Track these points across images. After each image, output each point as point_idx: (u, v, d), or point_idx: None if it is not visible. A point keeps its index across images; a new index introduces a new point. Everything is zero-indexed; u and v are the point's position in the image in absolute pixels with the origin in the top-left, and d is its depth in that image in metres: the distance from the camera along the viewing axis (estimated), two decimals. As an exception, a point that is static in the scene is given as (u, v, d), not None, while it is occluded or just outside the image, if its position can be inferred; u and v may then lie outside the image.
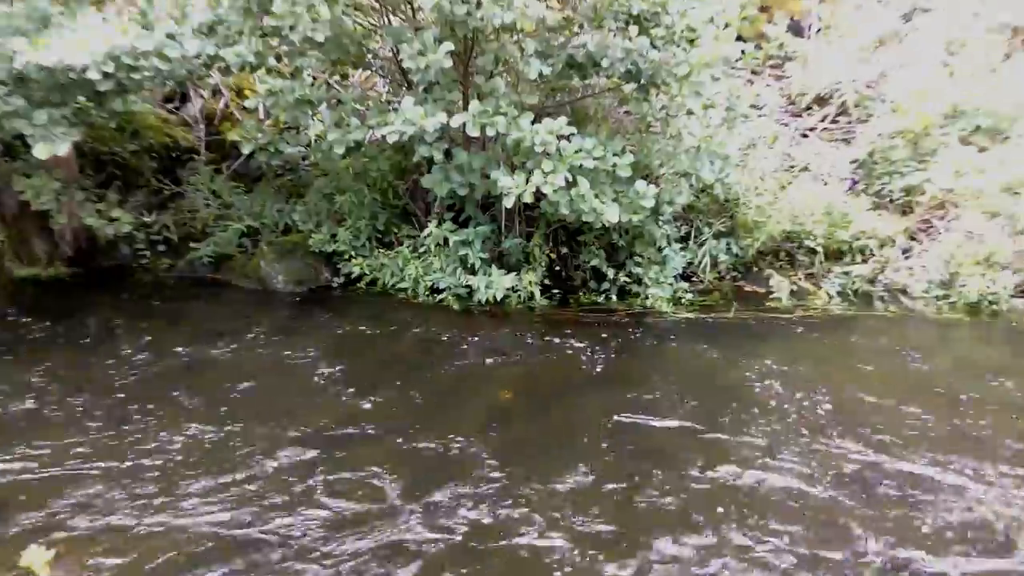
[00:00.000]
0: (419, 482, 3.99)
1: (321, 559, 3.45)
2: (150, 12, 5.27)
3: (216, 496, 3.86)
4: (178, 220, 7.09)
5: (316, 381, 5.12)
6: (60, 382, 4.96)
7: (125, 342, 5.57)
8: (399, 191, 6.78)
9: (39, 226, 6.63)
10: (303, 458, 4.20)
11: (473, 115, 5.52)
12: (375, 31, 6.59)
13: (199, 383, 5.01)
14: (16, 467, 4.06)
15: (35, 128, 5.18)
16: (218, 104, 7.80)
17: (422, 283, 6.36)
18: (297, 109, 5.95)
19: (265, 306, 6.41)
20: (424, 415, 4.67)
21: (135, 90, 5.57)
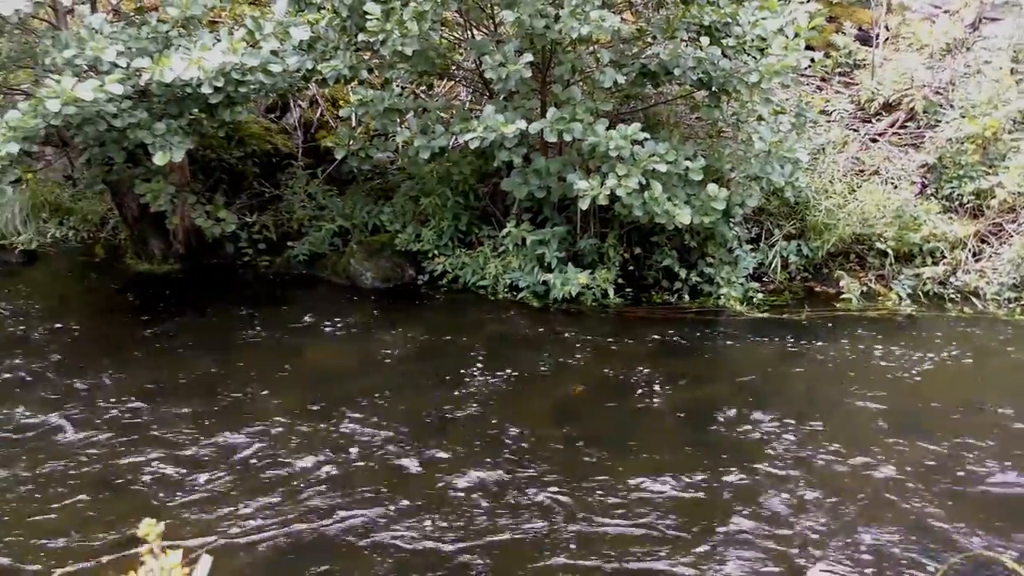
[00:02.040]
0: (492, 469, 4.32)
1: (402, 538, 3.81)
2: (257, 32, 5.78)
3: (309, 479, 4.25)
4: (277, 221, 7.65)
5: (400, 372, 5.52)
6: (168, 368, 5.51)
7: (229, 330, 6.10)
8: (480, 194, 7.16)
9: (156, 226, 7.27)
10: (383, 443, 4.59)
11: (551, 122, 5.86)
12: (459, 44, 7.01)
13: (294, 371, 5.48)
14: (126, 444, 4.58)
15: (155, 137, 5.73)
16: (315, 114, 8.36)
17: (501, 281, 6.71)
18: (386, 117, 6.39)
19: (354, 301, 6.85)
20: (501, 406, 5.00)
21: (242, 102, 6.09)
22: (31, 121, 5.04)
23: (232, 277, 7.30)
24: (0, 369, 5.47)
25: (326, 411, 4.90)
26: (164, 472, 4.25)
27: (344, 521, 3.86)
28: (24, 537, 3.70)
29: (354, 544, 3.71)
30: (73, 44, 5.37)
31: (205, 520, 3.86)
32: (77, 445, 4.52)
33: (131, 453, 4.43)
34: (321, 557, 3.62)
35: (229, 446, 4.51)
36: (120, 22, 5.99)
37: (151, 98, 5.73)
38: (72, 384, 5.25)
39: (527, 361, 5.65)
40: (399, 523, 3.85)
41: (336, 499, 4.03)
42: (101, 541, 3.67)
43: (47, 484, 4.13)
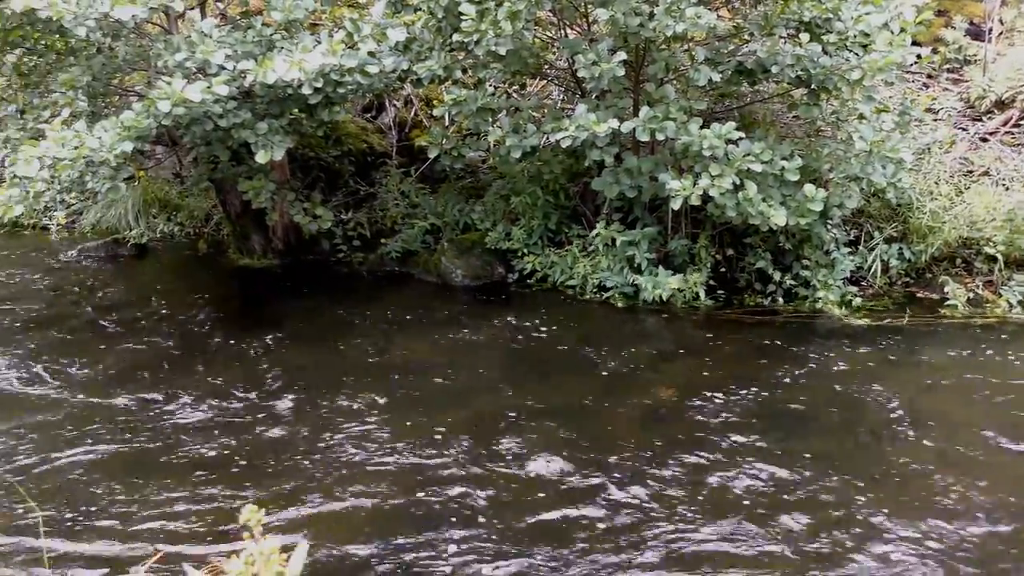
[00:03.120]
0: (577, 469, 4.32)
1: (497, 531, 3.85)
2: (356, 33, 5.93)
3: (396, 470, 4.34)
4: (371, 218, 7.84)
5: (487, 369, 5.57)
6: (264, 358, 5.71)
7: (323, 324, 6.28)
8: (570, 193, 7.15)
9: (256, 223, 7.54)
10: (467, 437, 4.65)
11: (643, 121, 5.81)
12: (552, 43, 7.02)
13: (384, 365, 5.60)
14: (224, 430, 4.77)
15: (257, 137, 5.96)
16: (409, 113, 8.52)
17: (590, 281, 6.69)
18: (479, 117, 6.45)
19: (444, 298, 6.95)
20: (587, 405, 4.99)
21: (340, 102, 6.26)
22: (144, 121, 5.30)
23: (327, 273, 7.51)
24: (109, 354, 5.78)
25: (414, 404, 4.99)
26: (261, 458, 4.41)
27: (429, 518, 3.92)
28: (128, 517, 3.88)
29: (441, 539, 3.76)
30: (184, 48, 5.62)
31: (300, 507, 3.98)
32: (180, 429, 4.73)
33: (229, 439, 4.60)
34: (410, 544, 3.68)
35: (322, 436, 4.64)
36: (227, 26, 6.23)
37: (254, 99, 5.95)
38: (173, 371, 5.50)
39: (615, 362, 5.61)
40: (483, 516, 3.88)
41: (423, 490, 4.10)
42: (202, 524, 3.82)
43: (151, 466, 4.33)
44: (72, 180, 5.47)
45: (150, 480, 4.20)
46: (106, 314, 6.59)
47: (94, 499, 4.03)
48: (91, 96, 6.10)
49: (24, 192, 5.46)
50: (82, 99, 5.97)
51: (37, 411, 4.96)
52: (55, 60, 6.40)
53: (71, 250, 8.19)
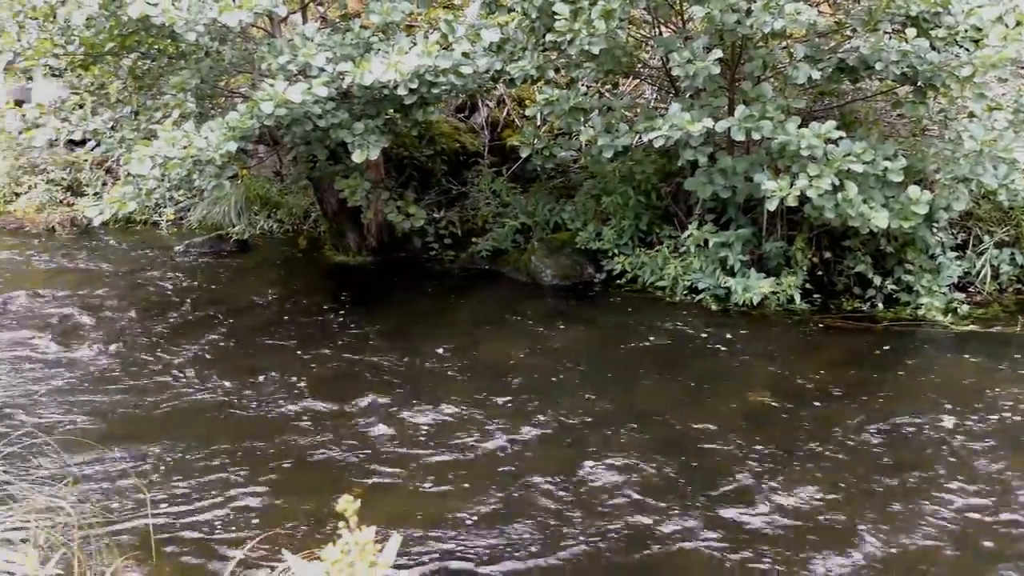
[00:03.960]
0: (659, 474, 4.27)
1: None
2: (450, 35, 6.01)
3: (481, 468, 4.39)
4: (462, 217, 7.93)
5: (574, 368, 5.57)
6: (357, 352, 5.84)
7: (415, 320, 6.39)
8: (662, 193, 7.07)
9: (352, 220, 7.73)
10: (555, 436, 4.65)
11: (739, 120, 5.70)
12: (646, 42, 6.96)
13: (472, 362, 5.65)
14: (318, 421, 4.90)
15: (354, 137, 6.11)
16: (501, 113, 8.58)
17: (680, 282, 6.60)
18: (571, 116, 6.45)
19: (533, 297, 6.98)
20: (676, 410, 4.91)
21: (434, 102, 6.36)
22: (248, 122, 5.51)
23: (419, 270, 7.64)
24: (208, 343, 6.03)
25: (501, 403, 5.03)
26: (351, 451, 4.52)
27: (514, 518, 3.95)
28: (227, 506, 4.04)
29: (532, 538, 3.78)
30: (286, 51, 5.81)
31: (390, 500, 4.06)
32: (275, 418, 4.90)
33: (322, 431, 4.74)
34: (496, 539, 3.72)
35: (408, 431, 4.72)
36: (327, 29, 6.41)
37: (352, 100, 6.10)
38: (269, 362, 5.69)
39: (705, 365, 5.53)
40: (567, 518, 3.88)
41: (505, 489, 4.13)
42: (299, 513, 3.95)
43: (248, 456, 4.49)
44: (181, 178, 5.72)
45: (249, 468, 4.35)
46: (208, 306, 6.87)
47: (197, 483, 4.20)
48: (199, 98, 6.37)
49: (137, 189, 5.75)
50: (191, 101, 6.24)
51: (142, 394, 5.22)
52: (166, 64, 6.71)
53: (179, 245, 8.58)
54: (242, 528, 3.81)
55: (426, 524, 3.84)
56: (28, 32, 6.34)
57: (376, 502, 4.01)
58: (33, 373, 5.59)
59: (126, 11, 5.40)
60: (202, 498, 4.07)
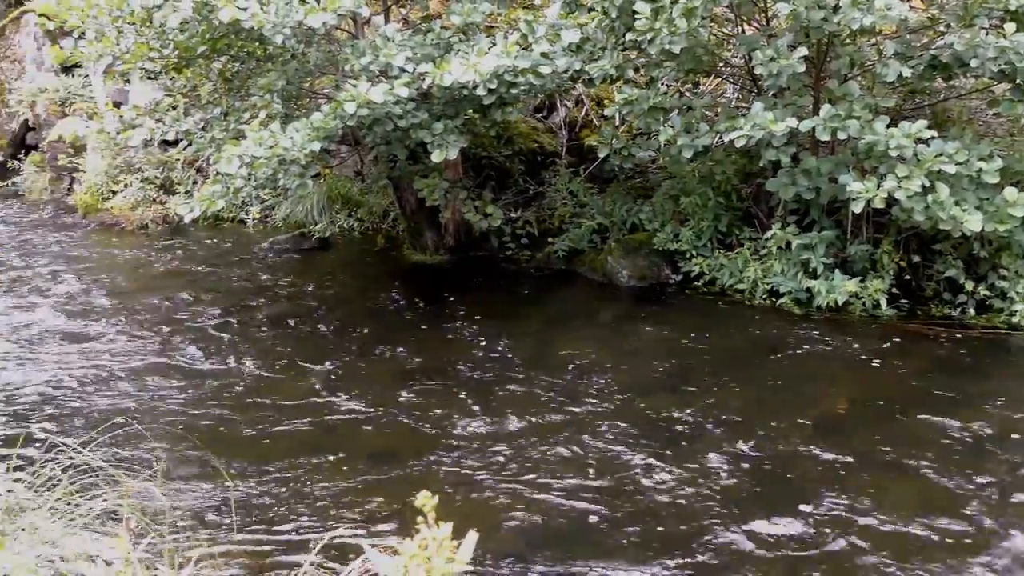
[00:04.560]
0: (734, 476, 4.20)
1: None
2: (530, 35, 6.03)
3: (553, 469, 4.38)
4: (539, 217, 7.95)
5: (650, 370, 5.52)
6: (433, 350, 5.91)
7: (491, 319, 6.43)
8: (743, 194, 6.95)
9: (430, 220, 7.83)
10: (625, 440, 4.62)
11: (824, 119, 5.55)
12: (728, 40, 6.84)
13: (548, 362, 5.65)
14: (391, 417, 4.98)
15: (433, 136, 6.17)
16: (579, 113, 8.56)
17: (760, 285, 6.47)
18: (650, 116, 6.39)
19: (609, 298, 6.95)
20: (754, 414, 4.82)
21: (513, 103, 6.38)
22: (331, 122, 5.63)
23: (495, 269, 7.68)
24: (288, 340, 6.18)
25: (576, 403, 5.02)
26: (429, 447, 4.58)
27: (586, 520, 3.94)
28: (307, 498, 4.14)
29: (599, 538, 3.77)
30: (369, 52, 5.92)
31: (465, 497, 4.10)
32: (352, 415, 5.00)
33: (398, 427, 4.82)
34: (565, 544, 3.72)
35: (486, 429, 4.75)
36: (408, 30, 6.50)
37: (432, 100, 6.17)
38: (348, 359, 5.81)
39: (785, 370, 5.41)
40: (629, 522, 3.86)
41: (579, 492, 4.12)
42: (376, 507, 4.02)
43: (328, 450, 4.58)
44: (267, 177, 5.88)
45: (329, 461, 4.45)
46: (291, 302, 7.07)
47: (279, 476, 4.32)
48: (285, 99, 6.54)
49: (225, 188, 5.94)
50: (277, 102, 6.41)
51: (217, 384, 5.39)
52: (255, 66, 6.91)
53: (263, 242, 8.84)
54: (321, 520, 3.90)
55: (501, 523, 3.86)
56: (126, 36, 6.62)
57: (453, 499, 4.05)
58: (126, 364, 5.83)
59: (217, 15, 5.58)
60: (284, 490, 4.19)
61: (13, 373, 5.69)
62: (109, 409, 5.07)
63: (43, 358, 5.97)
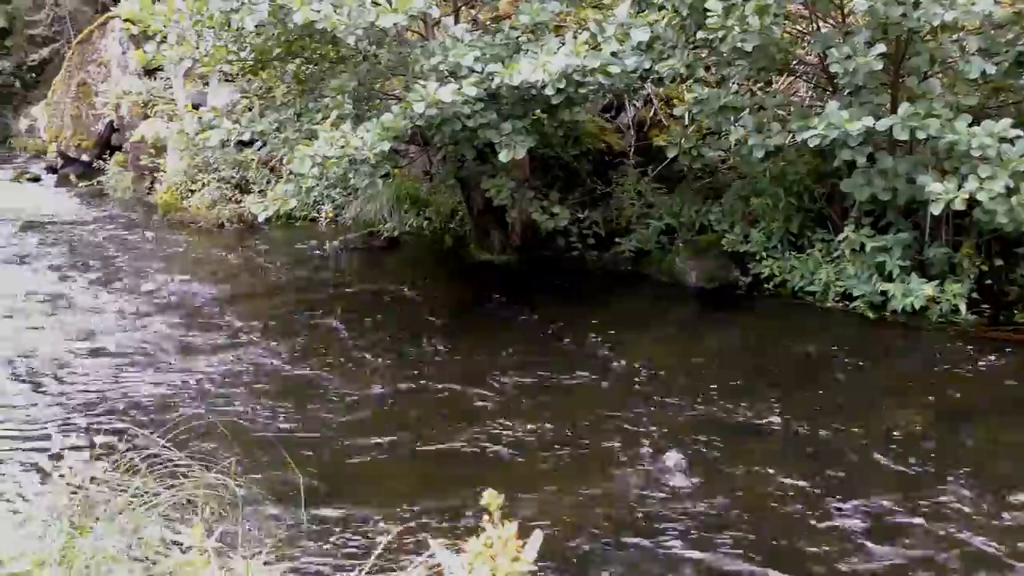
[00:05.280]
0: (810, 486, 4.11)
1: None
2: (599, 34, 6.00)
3: (625, 473, 4.36)
4: (606, 217, 7.91)
5: (717, 373, 5.43)
6: (500, 350, 5.94)
7: (557, 319, 6.42)
8: (815, 195, 6.79)
9: (497, 219, 7.87)
10: (698, 446, 4.56)
11: (902, 118, 5.40)
12: (802, 37, 6.70)
13: (617, 364, 5.62)
14: (462, 416, 5.01)
15: (501, 136, 6.19)
16: (648, 112, 8.49)
17: (833, 288, 6.32)
18: (720, 115, 6.30)
19: (677, 300, 6.88)
20: (824, 422, 4.69)
21: (581, 102, 6.38)
22: (400, 122, 5.71)
23: (562, 270, 7.68)
24: (358, 336, 6.28)
25: (644, 406, 4.98)
26: (495, 447, 4.59)
27: (663, 524, 3.91)
28: (377, 494, 4.21)
29: (675, 549, 3.74)
30: (438, 52, 5.98)
31: (533, 498, 4.10)
32: (420, 412, 5.05)
33: (467, 427, 4.85)
34: (634, 548, 3.70)
35: (553, 430, 4.75)
36: (478, 31, 6.54)
37: (500, 100, 6.20)
38: (415, 356, 5.88)
39: (858, 376, 5.27)
40: (708, 531, 3.81)
41: (648, 497, 4.09)
42: (443, 505, 4.05)
43: (398, 446, 4.64)
44: (338, 176, 5.99)
45: (398, 457, 4.52)
46: (358, 298, 7.19)
47: (349, 471, 4.40)
48: (356, 100, 6.65)
49: (298, 187, 6.07)
50: (349, 102, 6.53)
51: (289, 379, 5.52)
52: (327, 68, 7.05)
53: (334, 240, 9.00)
54: (389, 515, 3.95)
55: (566, 525, 3.86)
56: (205, 40, 6.82)
57: (518, 500, 4.06)
58: (202, 359, 6.02)
59: (292, 18, 5.71)
60: (355, 483, 4.26)
61: (94, 364, 5.92)
62: (186, 401, 5.24)
63: (120, 351, 6.19)
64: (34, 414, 5.16)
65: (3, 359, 6.03)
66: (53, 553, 1.97)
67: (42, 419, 5.09)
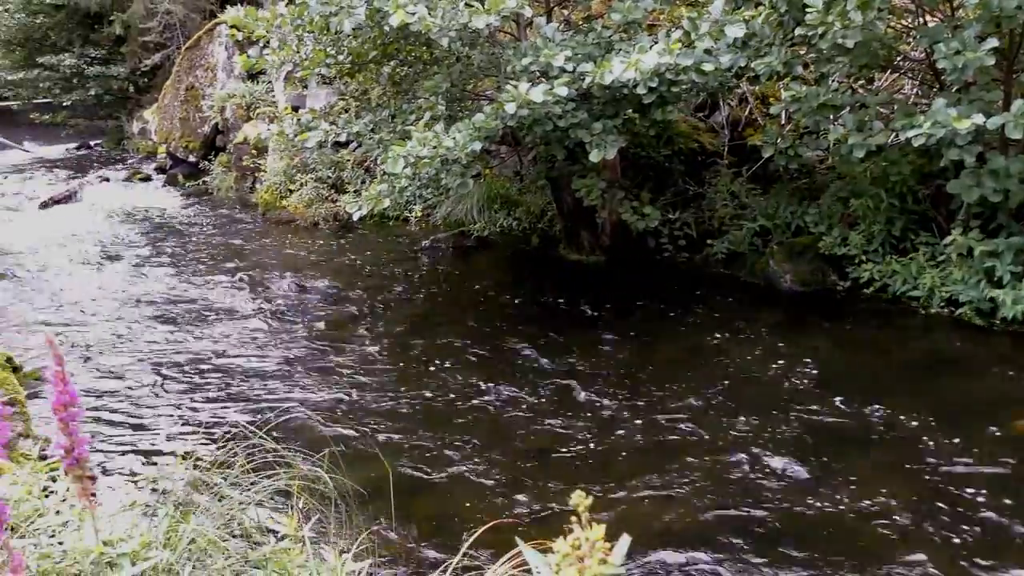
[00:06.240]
0: (908, 509, 3.95)
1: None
2: (693, 32, 5.91)
3: (712, 478, 4.29)
4: (698, 218, 7.78)
5: (812, 381, 5.27)
6: (590, 352, 5.91)
7: (648, 321, 6.37)
8: (919, 196, 6.52)
9: (586, 220, 7.85)
10: (790, 455, 4.44)
11: (1016, 115, 5.13)
12: (907, 32, 6.45)
13: (706, 368, 5.53)
14: (550, 417, 5.01)
15: (592, 136, 6.17)
16: (743, 111, 8.31)
17: (937, 294, 6.06)
18: (819, 114, 6.12)
19: (770, 303, 6.71)
20: (927, 433, 4.51)
21: (673, 101, 6.29)
22: (492, 122, 5.75)
23: (652, 271, 7.60)
24: (450, 334, 6.36)
25: (736, 411, 4.88)
26: (586, 449, 4.58)
27: (739, 533, 3.83)
28: (465, 492, 4.25)
29: (757, 549, 3.66)
30: (530, 53, 6.00)
31: (617, 499, 4.08)
32: (507, 413, 5.08)
33: (556, 427, 4.86)
34: (715, 554, 3.63)
35: (641, 433, 4.71)
36: (570, 31, 6.54)
37: (592, 99, 6.18)
38: (507, 354, 5.91)
39: (964, 385, 5.04)
40: (808, 542, 3.71)
41: (733, 506, 4.01)
42: (530, 504, 4.08)
43: (489, 446, 4.68)
44: (430, 176, 6.09)
45: (489, 457, 4.56)
46: (450, 296, 7.28)
47: (440, 466, 4.47)
48: (449, 101, 6.74)
49: (391, 187, 6.19)
50: (441, 103, 6.62)
51: (383, 375, 5.63)
52: (421, 70, 7.17)
53: (425, 240, 9.15)
54: (479, 512, 4.00)
55: (654, 530, 3.82)
56: (305, 44, 7.04)
57: (609, 502, 4.05)
58: (300, 352, 6.21)
59: (388, 21, 5.83)
60: (443, 481, 4.32)
61: (200, 353, 6.18)
62: (284, 394, 5.41)
63: (225, 341, 6.45)
64: (150, 402, 5.44)
65: (132, 355, 6.37)
66: (158, 535, 2.07)
67: (154, 407, 5.36)
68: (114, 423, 5.13)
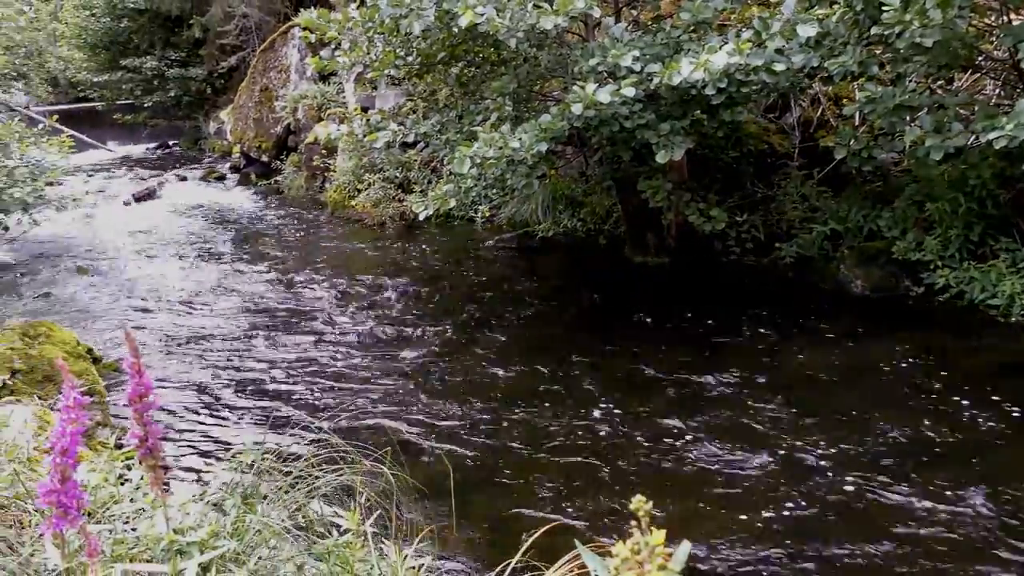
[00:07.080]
0: (981, 523, 3.82)
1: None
2: (764, 31, 5.81)
3: (779, 487, 4.21)
4: (766, 221, 7.64)
5: (884, 390, 5.13)
6: (651, 356, 5.86)
7: (713, 325, 6.28)
8: (1000, 200, 6.29)
9: (652, 221, 7.78)
10: (861, 467, 4.33)
11: (1105, 118, 4.91)
12: (989, 31, 6.22)
13: (775, 374, 5.43)
14: (606, 422, 4.98)
15: (659, 137, 6.11)
16: (815, 112, 8.13)
17: (1018, 301, 5.83)
18: (895, 115, 5.94)
19: (840, 309, 6.54)
20: (1004, 449, 4.35)
21: (743, 102, 6.19)
22: (558, 123, 5.74)
23: (719, 274, 7.49)
24: (514, 335, 6.38)
25: (804, 421, 4.78)
26: (646, 454, 4.55)
27: (805, 541, 3.75)
28: (523, 494, 4.26)
29: (827, 559, 3.58)
30: (597, 53, 5.98)
31: (682, 506, 4.05)
32: (572, 412, 5.07)
33: (612, 433, 4.83)
34: (778, 563, 3.57)
35: (703, 440, 4.66)
36: (639, 31, 6.48)
37: (659, 100, 6.12)
38: (573, 357, 5.89)
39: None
40: (856, 548, 3.61)
41: (798, 519, 3.93)
42: (594, 508, 4.06)
43: (553, 446, 4.69)
44: (495, 177, 6.11)
45: (545, 459, 4.56)
46: (515, 298, 7.30)
47: (501, 467, 4.49)
48: (516, 101, 6.76)
49: (457, 187, 6.24)
50: (508, 104, 6.64)
51: (446, 375, 5.67)
52: (489, 70, 7.21)
53: (490, 240, 9.19)
54: (538, 514, 4.00)
55: (714, 536, 3.77)
56: (375, 46, 7.14)
57: (671, 507, 4.01)
58: (373, 349, 6.31)
59: (457, 22, 5.88)
60: (504, 481, 4.35)
61: (274, 348, 6.34)
62: (353, 391, 5.51)
63: (299, 338, 6.59)
64: (224, 395, 5.60)
65: (208, 348, 6.57)
66: (226, 525, 2.13)
67: (228, 400, 5.51)
68: (188, 414, 5.30)
